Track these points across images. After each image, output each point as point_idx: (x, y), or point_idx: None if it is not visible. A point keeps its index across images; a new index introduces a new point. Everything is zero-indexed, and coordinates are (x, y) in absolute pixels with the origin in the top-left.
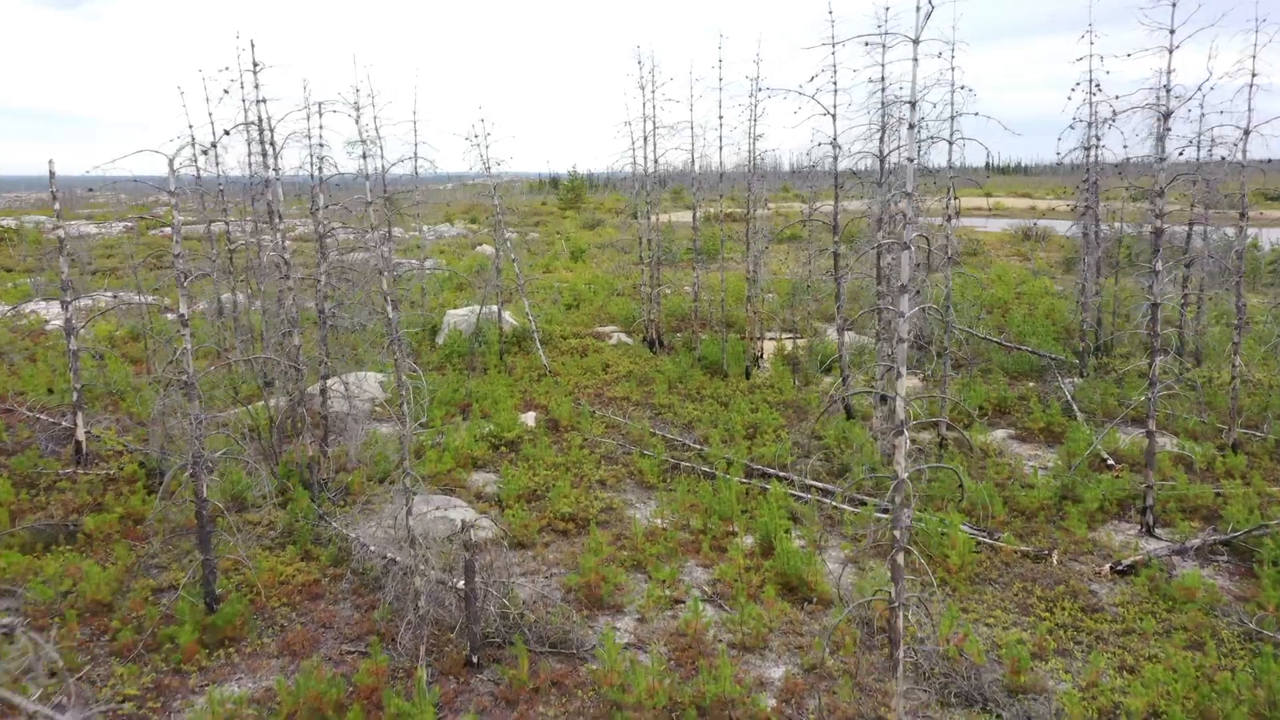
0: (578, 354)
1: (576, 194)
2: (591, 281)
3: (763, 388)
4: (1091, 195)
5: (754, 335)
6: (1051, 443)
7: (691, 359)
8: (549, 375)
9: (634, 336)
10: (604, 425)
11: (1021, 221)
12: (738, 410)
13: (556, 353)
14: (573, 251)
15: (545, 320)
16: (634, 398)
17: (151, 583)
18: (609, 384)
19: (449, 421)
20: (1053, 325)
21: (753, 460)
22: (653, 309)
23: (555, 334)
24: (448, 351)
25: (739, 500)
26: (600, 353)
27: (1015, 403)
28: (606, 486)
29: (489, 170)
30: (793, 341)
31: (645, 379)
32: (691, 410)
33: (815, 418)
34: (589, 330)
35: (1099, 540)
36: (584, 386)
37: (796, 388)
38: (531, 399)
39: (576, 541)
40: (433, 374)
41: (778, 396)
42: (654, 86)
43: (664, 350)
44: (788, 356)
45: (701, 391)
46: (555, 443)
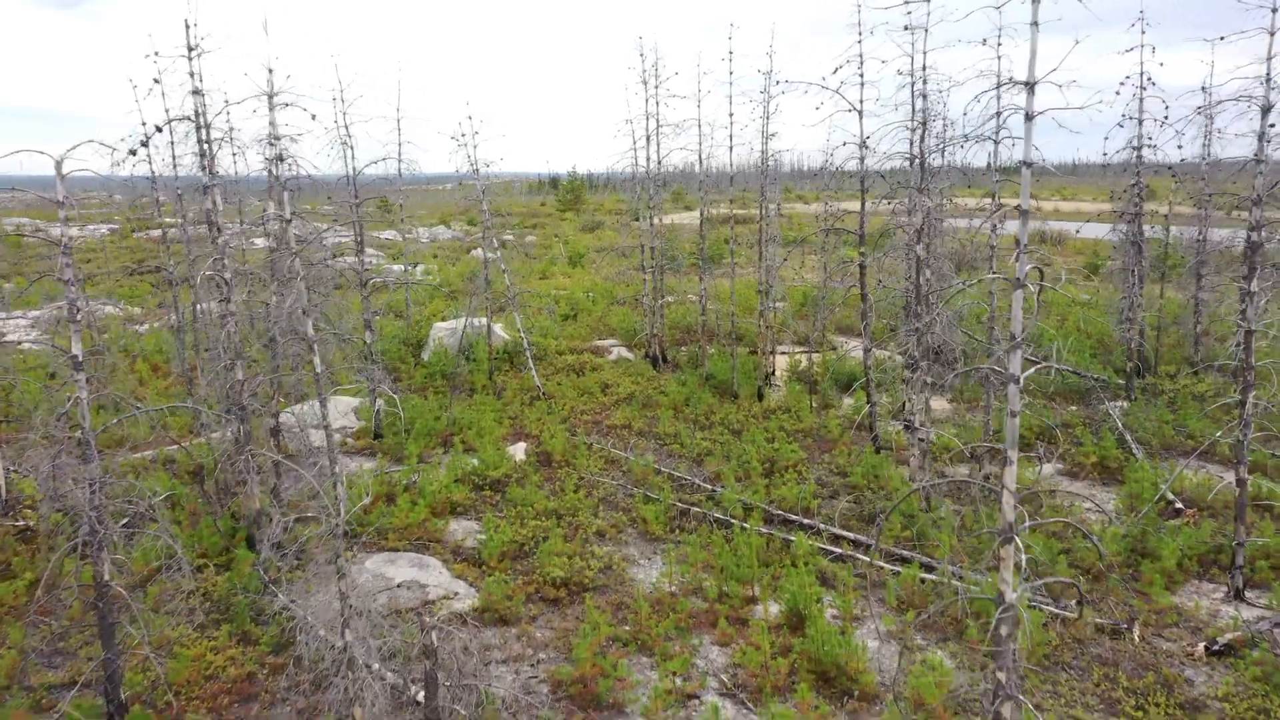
0: (574, 372)
1: (576, 195)
2: (590, 289)
3: (778, 412)
4: (1139, 199)
5: (766, 351)
6: (1107, 480)
7: (698, 378)
8: (542, 398)
9: (635, 351)
10: (603, 460)
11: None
12: (752, 440)
13: (551, 370)
14: (571, 256)
15: (539, 334)
16: (636, 425)
17: (50, 678)
18: (608, 408)
19: (428, 456)
20: (1086, 339)
21: (772, 504)
22: (655, 322)
23: (550, 349)
24: (434, 369)
25: (759, 556)
26: (599, 371)
27: (1059, 430)
28: (605, 539)
29: (477, 171)
30: (807, 356)
31: (648, 402)
32: (700, 441)
33: (840, 450)
34: (587, 344)
35: (1183, 608)
36: (580, 412)
37: (814, 411)
38: (522, 427)
39: (570, 613)
40: (414, 397)
41: (795, 423)
42: (657, 81)
43: (668, 366)
44: (802, 374)
45: (711, 417)
46: (547, 481)
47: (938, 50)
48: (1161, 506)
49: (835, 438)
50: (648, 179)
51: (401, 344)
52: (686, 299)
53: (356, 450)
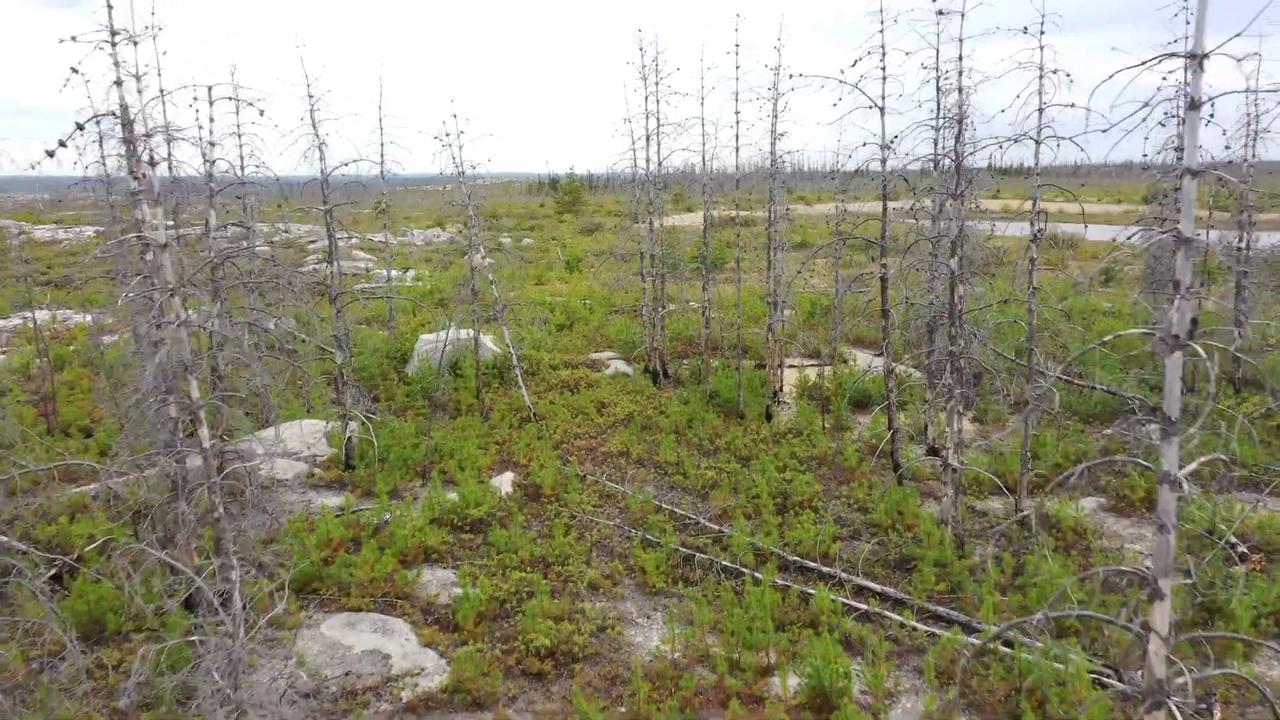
0: (568, 390)
1: (574, 197)
2: (587, 296)
3: (788, 436)
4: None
5: (775, 365)
6: None
7: (701, 395)
8: (533, 420)
9: (634, 365)
10: (597, 495)
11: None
12: (762, 470)
13: (544, 387)
14: (568, 261)
15: (532, 346)
16: (634, 452)
17: None
18: (604, 431)
19: (403, 490)
20: (1111, 352)
21: (787, 548)
22: (656, 335)
23: (543, 363)
24: (418, 386)
25: (774, 614)
26: (595, 388)
27: (1095, 454)
28: (598, 593)
29: (463, 174)
30: (817, 370)
31: (648, 423)
32: (706, 470)
33: (859, 482)
34: (582, 357)
35: (1268, 678)
36: (574, 435)
37: (827, 433)
38: (509, 454)
39: (556, 690)
40: (393, 420)
41: (807, 449)
42: (658, 77)
43: (669, 382)
44: (812, 390)
45: (716, 441)
46: (535, 519)
47: (972, 39)
48: (1224, 553)
49: (853, 466)
50: (648, 181)
51: (385, 357)
52: (687, 307)
53: (325, 483)
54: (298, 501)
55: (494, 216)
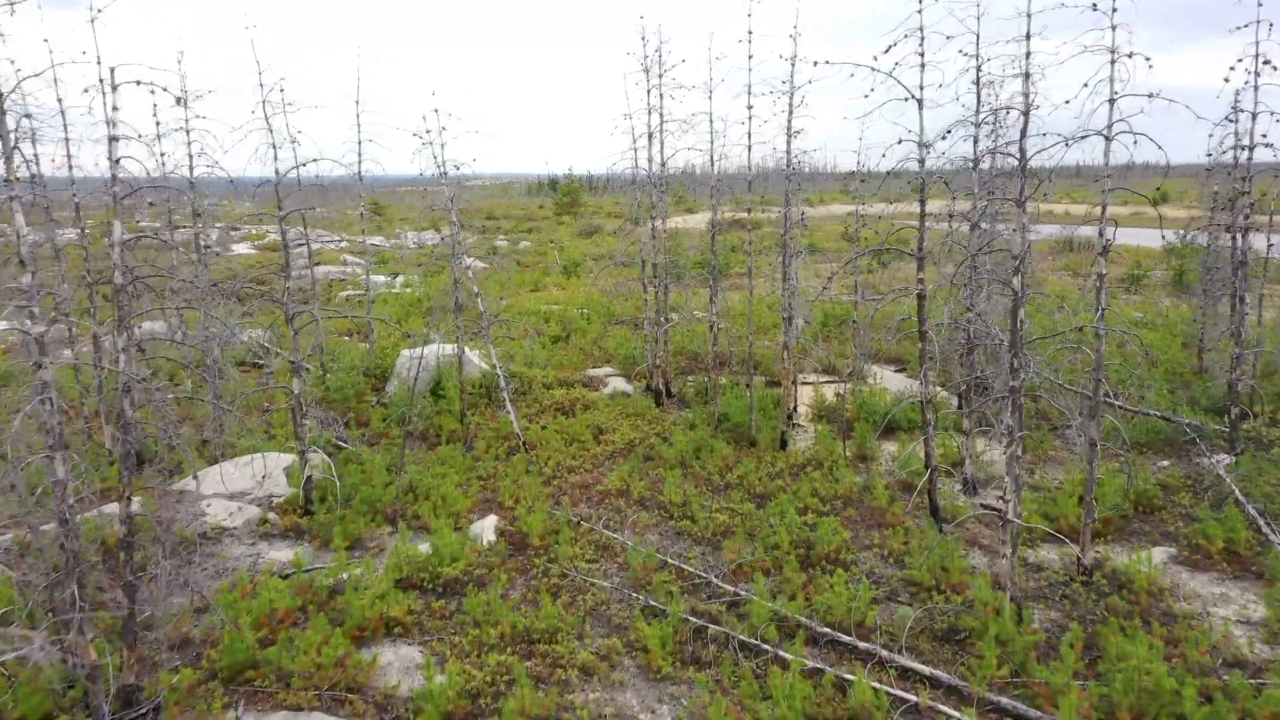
0: (562, 413)
1: (573, 198)
2: (585, 305)
3: (807, 468)
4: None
5: (790, 384)
6: (1238, 572)
7: (709, 418)
8: (522, 449)
9: (635, 383)
10: (593, 546)
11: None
12: (780, 511)
13: (535, 410)
14: (565, 265)
15: (524, 362)
16: (635, 490)
17: None
18: (601, 464)
19: (369, 540)
20: (1152, 369)
21: (816, 616)
22: (659, 351)
23: (536, 381)
24: (396, 410)
25: (806, 709)
26: (592, 410)
27: (1156, 494)
28: (592, 679)
29: (445, 175)
30: (834, 389)
31: (650, 452)
32: (716, 514)
33: (894, 531)
34: (579, 374)
35: None
36: (567, 468)
37: (849, 463)
38: (494, 492)
39: None
40: (365, 451)
41: (830, 485)
42: (661, 70)
43: (672, 402)
44: (830, 412)
45: (726, 475)
46: (520, 575)
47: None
48: None
49: (883, 506)
50: (649, 182)
51: (363, 375)
52: (692, 316)
53: (278, 532)
54: (244, 556)
55: (491, 218)
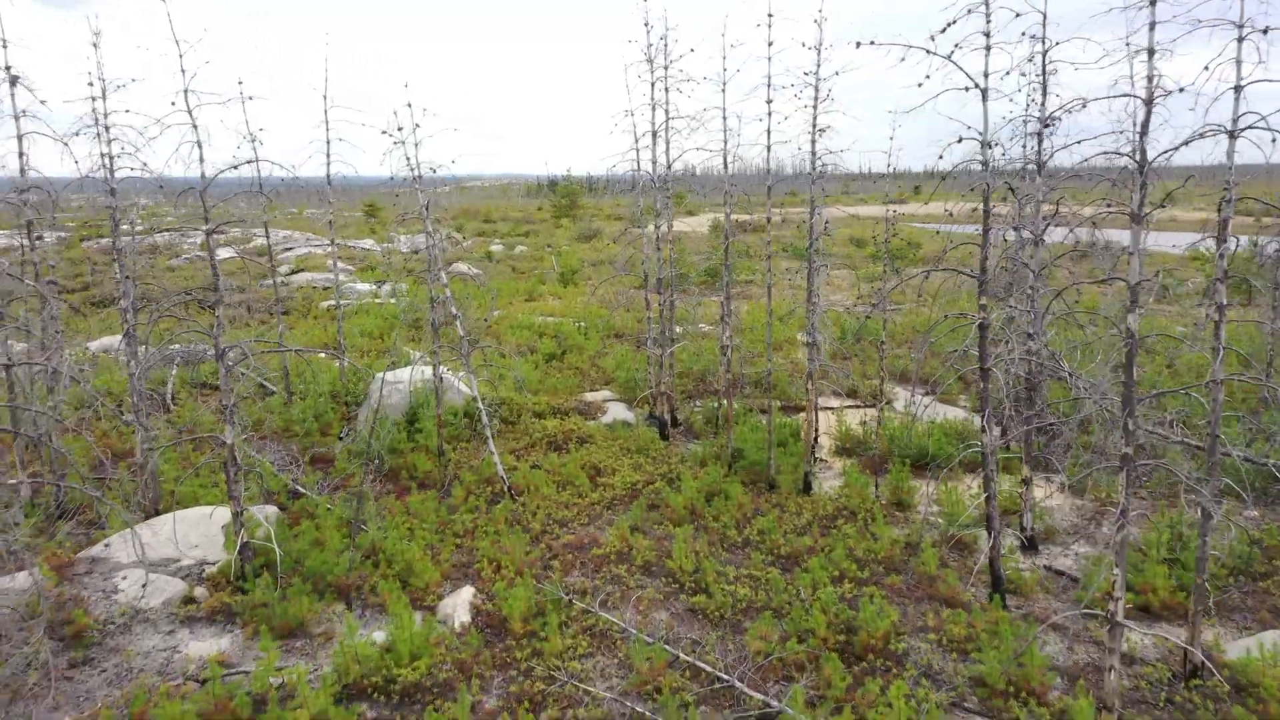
0: (555, 447)
1: (571, 200)
2: (583, 318)
3: (838, 520)
4: None
5: (812, 417)
6: None
7: (720, 452)
8: (507, 496)
9: (637, 410)
10: (587, 635)
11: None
12: (811, 582)
13: (525, 443)
14: (563, 273)
15: (515, 385)
16: (638, 551)
17: None
18: (599, 514)
19: (316, 625)
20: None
21: None
22: (664, 376)
23: (525, 408)
24: (363, 448)
25: None
26: (588, 444)
27: (1257, 556)
28: None
29: (419, 178)
30: (858, 415)
31: (656, 498)
32: (737, 586)
33: (954, 613)
34: (574, 400)
35: None
36: (559, 520)
37: (885, 510)
38: (471, 556)
39: None
40: (324, 503)
41: (867, 542)
42: (667, 60)
43: (679, 431)
44: (855, 444)
45: (744, 528)
46: (497, 675)
47: None
48: None
49: (930, 573)
50: (653, 186)
51: (333, 402)
52: (697, 330)
53: (205, 615)
54: (156, 650)
55: (488, 220)
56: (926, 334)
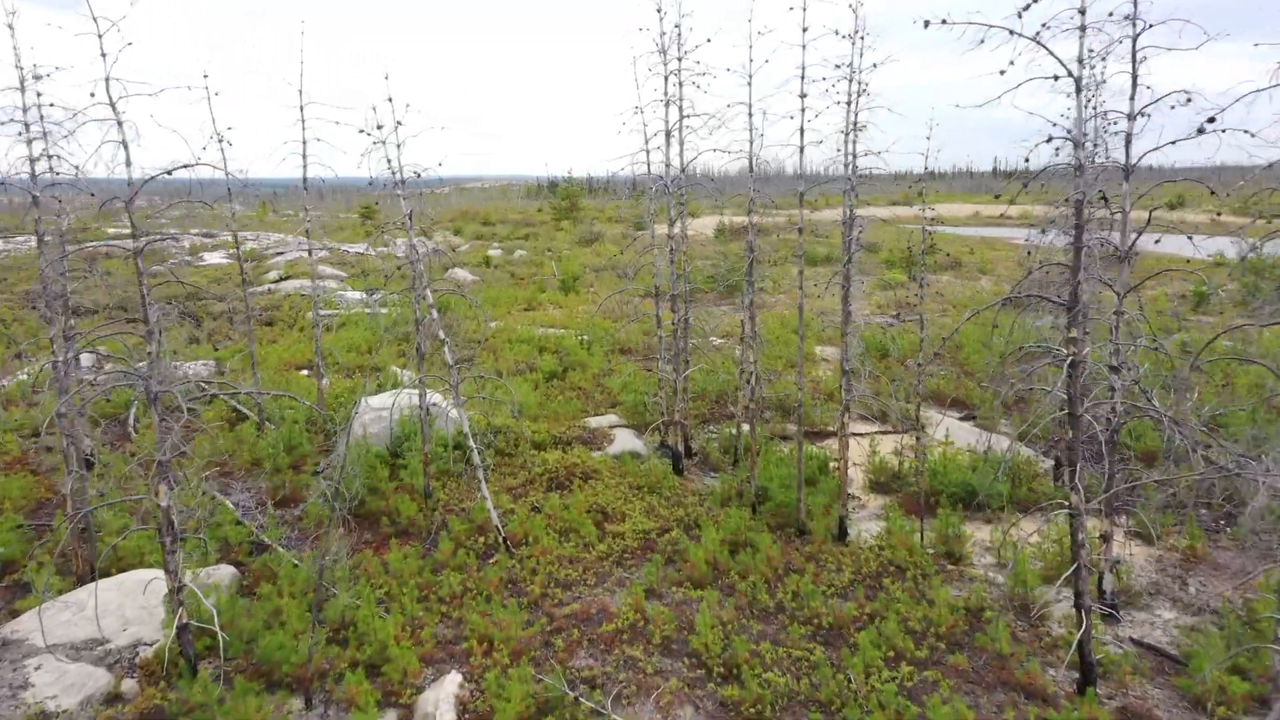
0: (557, 485)
1: (572, 202)
2: (586, 331)
3: (884, 578)
4: None
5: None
6: None
7: (743, 488)
8: (501, 548)
9: (646, 438)
10: None
11: None
12: (862, 663)
13: (522, 480)
14: (564, 280)
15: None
16: (656, 626)
17: None
18: (608, 572)
19: None
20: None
21: None
22: (678, 404)
23: (524, 437)
24: (352, 481)
25: None
26: (594, 481)
27: None
28: None
29: (402, 183)
30: (889, 440)
31: (674, 550)
32: (774, 671)
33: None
34: (577, 426)
35: None
36: (561, 582)
37: (936, 564)
38: (457, 632)
39: None
40: (289, 560)
41: (920, 609)
42: (682, 49)
43: (694, 463)
44: (891, 477)
45: (777, 592)
46: None
47: None
48: None
49: (1002, 651)
50: (666, 192)
51: (309, 430)
52: (708, 343)
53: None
54: None
55: (487, 223)
56: (1001, 366)
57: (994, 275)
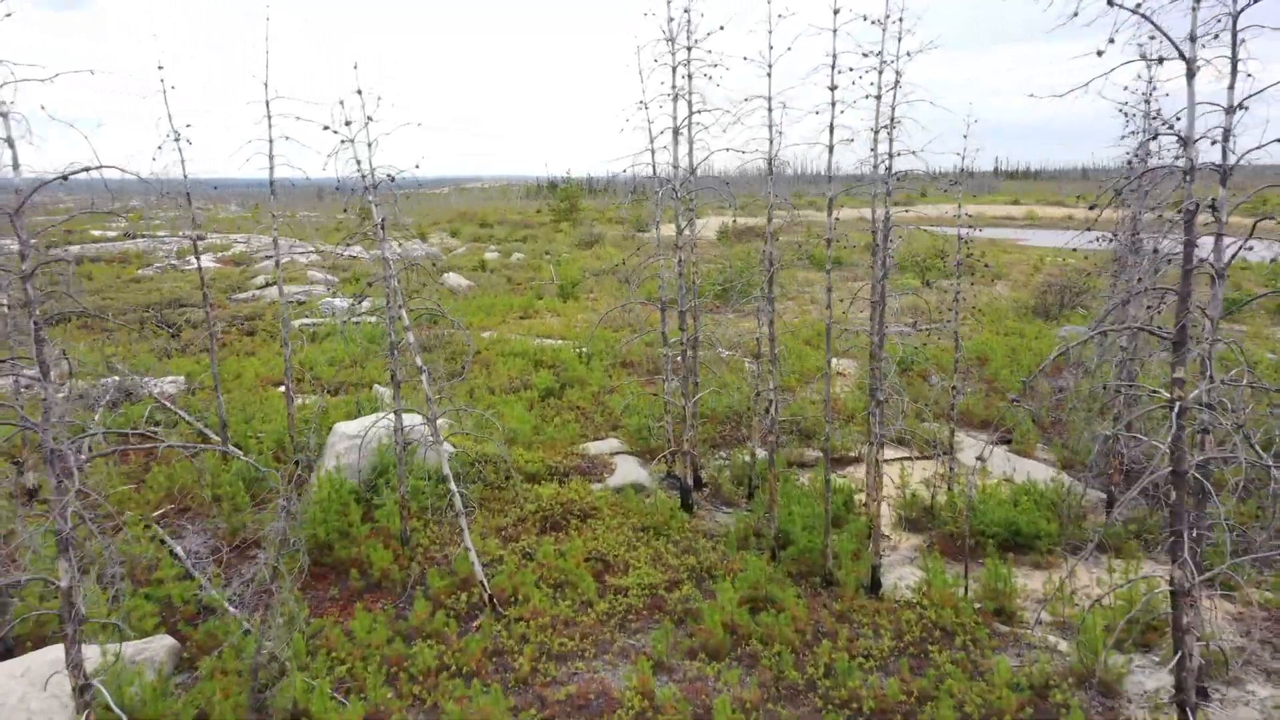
0: (550, 525)
1: (571, 203)
2: (585, 343)
3: (931, 646)
4: None
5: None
6: None
7: (760, 527)
8: (487, 607)
9: (651, 467)
10: None
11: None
12: None
13: (512, 519)
14: (562, 285)
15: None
16: (668, 710)
17: None
18: (609, 638)
19: None
20: None
21: None
22: (686, 432)
23: (516, 467)
24: (324, 510)
25: None
26: (593, 521)
27: None
28: None
29: (375, 187)
30: (918, 467)
31: (685, 608)
32: None
33: None
34: (575, 454)
35: None
36: (556, 652)
37: (984, 624)
38: (433, 715)
39: None
40: (234, 629)
41: (978, 689)
42: (692, 38)
43: (704, 496)
44: (921, 513)
45: (807, 665)
46: None
47: None
48: None
49: None
50: (674, 195)
51: (278, 459)
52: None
53: None
54: None
55: (484, 224)
56: (1091, 414)
57: (1009, 280)
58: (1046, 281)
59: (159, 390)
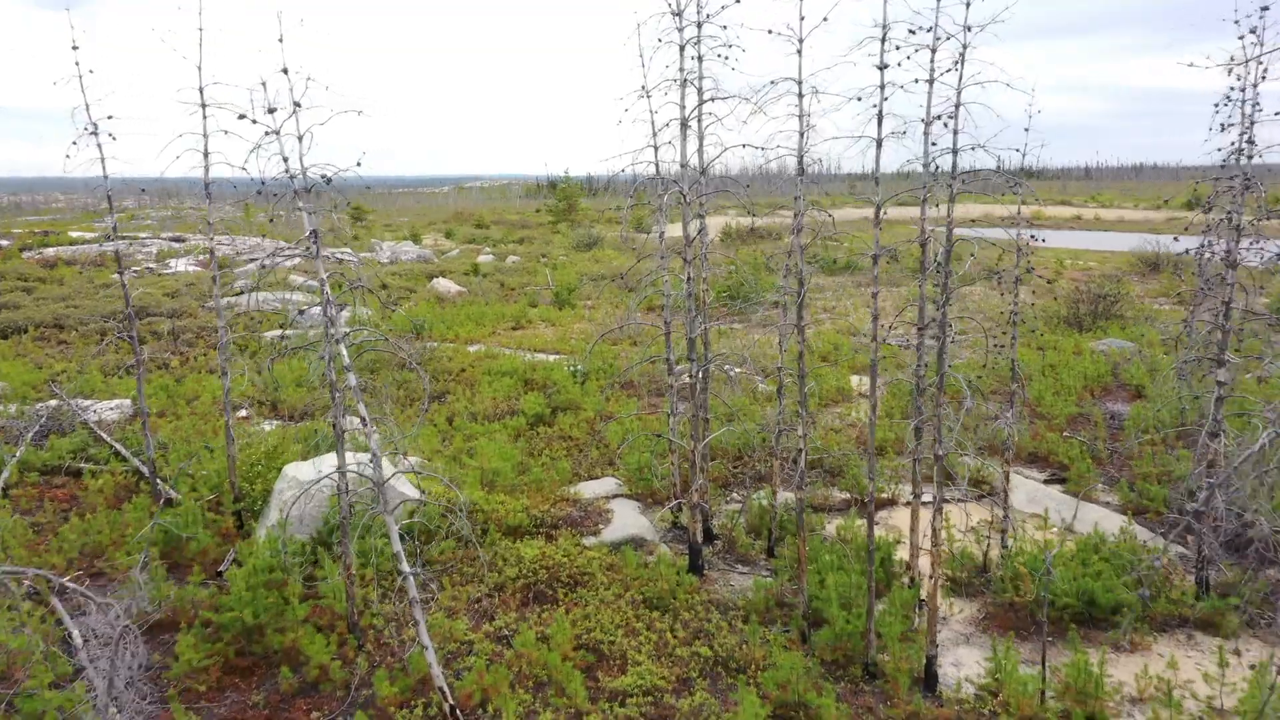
0: (535, 598)
1: (570, 203)
2: (580, 360)
3: None
4: None
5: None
6: None
7: (780, 595)
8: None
9: (654, 516)
10: None
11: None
12: None
13: (490, 585)
14: (557, 292)
15: (479, 480)
16: None
17: None
18: None
19: None
20: None
21: None
22: (695, 478)
23: (494, 514)
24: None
25: None
26: (583, 590)
27: None
28: None
29: (304, 189)
30: (959, 511)
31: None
32: None
33: None
34: (565, 500)
35: None
36: None
37: None
38: None
39: None
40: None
41: None
42: (702, 12)
43: (715, 553)
44: (975, 575)
45: None
46: None
47: None
48: None
49: None
50: (682, 200)
51: (216, 510)
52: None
53: None
54: None
55: (480, 225)
56: (1159, 448)
57: (1029, 284)
58: (1077, 289)
59: (96, 418)
